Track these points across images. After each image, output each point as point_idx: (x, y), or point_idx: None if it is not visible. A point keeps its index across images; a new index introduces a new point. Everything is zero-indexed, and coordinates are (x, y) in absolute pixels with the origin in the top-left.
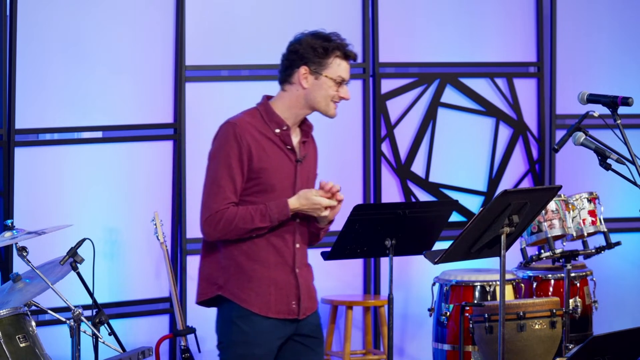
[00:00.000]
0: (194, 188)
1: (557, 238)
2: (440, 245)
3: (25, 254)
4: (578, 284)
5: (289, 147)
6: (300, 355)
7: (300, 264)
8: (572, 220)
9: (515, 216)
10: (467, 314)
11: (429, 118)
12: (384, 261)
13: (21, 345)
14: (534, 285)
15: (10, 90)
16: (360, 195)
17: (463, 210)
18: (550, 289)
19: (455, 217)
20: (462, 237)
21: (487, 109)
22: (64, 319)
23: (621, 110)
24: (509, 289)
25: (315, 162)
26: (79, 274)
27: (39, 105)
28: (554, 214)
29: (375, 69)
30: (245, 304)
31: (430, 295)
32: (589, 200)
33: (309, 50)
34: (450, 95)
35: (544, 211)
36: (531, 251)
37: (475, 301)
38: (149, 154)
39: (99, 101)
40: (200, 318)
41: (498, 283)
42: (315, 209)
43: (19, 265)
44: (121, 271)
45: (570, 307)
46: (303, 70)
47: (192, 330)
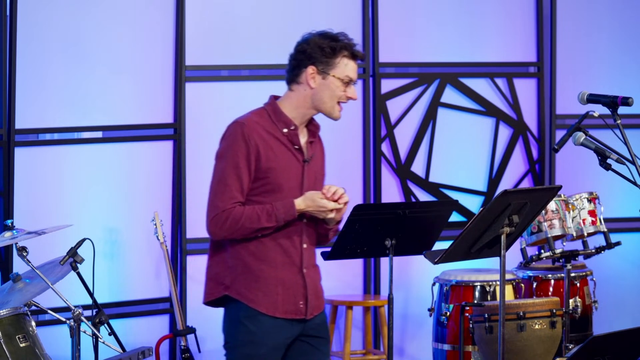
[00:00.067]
0: (194, 188)
1: (557, 238)
2: (440, 245)
3: (25, 254)
4: (578, 284)
5: (296, 147)
6: (307, 354)
7: (307, 264)
8: (572, 220)
9: (515, 216)
10: (467, 314)
11: (429, 118)
12: (384, 261)
13: (21, 345)
14: (534, 285)
15: (10, 90)
16: (360, 195)
17: (463, 210)
18: (550, 289)
19: (455, 217)
20: (462, 237)
21: (487, 109)
22: (64, 319)
23: (621, 110)
24: (509, 289)
25: (323, 162)
26: (79, 274)
27: (39, 105)
28: (554, 214)
29: (375, 69)
30: (253, 304)
31: (430, 295)
32: (589, 200)
33: (317, 50)
34: (450, 95)
35: (544, 211)
36: (531, 251)
37: (475, 301)
38: (149, 154)
39: (99, 101)
40: (200, 318)
41: (498, 283)
42: (321, 211)
43: (19, 265)
44: (121, 271)
45: (570, 307)
46: (310, 70)
47: (192, 330)
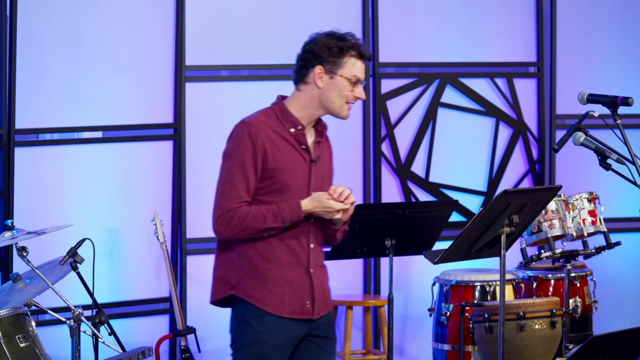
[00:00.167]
0: (194, 188)
1: (557, 238)
2: (440, 245)
3: (25, 254)
4: (578, 284)
5: (303, 147)
6: (313, 354)
7: (314, 264)
8: (572, 220)
9: (515, 216)
10: (467, 314)
11: (429, 118)
12: (384, 261)
13: (21, 345)
14: (534, 285)
15: (10, 90)
16: (360, 195)
17: (463, 210)
18: (550, 289)
19: (455, 217)
20: (462, 237)
21: (487, 109)
22: (64, 319)
23: (621, 110)
24: (509, 289)
25: (331, 162)
26: (79, 274)
27: (39, 105)
28: (554, 214)
29: (376, 69)
30: (260, 304)
31: (430, 295)
32: (589, 200)
33: (324, 50)
34: (450, 95)
35: (544, 211)
36: (531, 251)
37: (475, 301)
38: (149, 154)
39: (99, 101)
40: (200, 318)
41: (498, 283)
42: (328, 212)
43: (19, 265)
44: (121, 271)
45: (570, 307)
46: (318, 69)
47: (192, 330)
